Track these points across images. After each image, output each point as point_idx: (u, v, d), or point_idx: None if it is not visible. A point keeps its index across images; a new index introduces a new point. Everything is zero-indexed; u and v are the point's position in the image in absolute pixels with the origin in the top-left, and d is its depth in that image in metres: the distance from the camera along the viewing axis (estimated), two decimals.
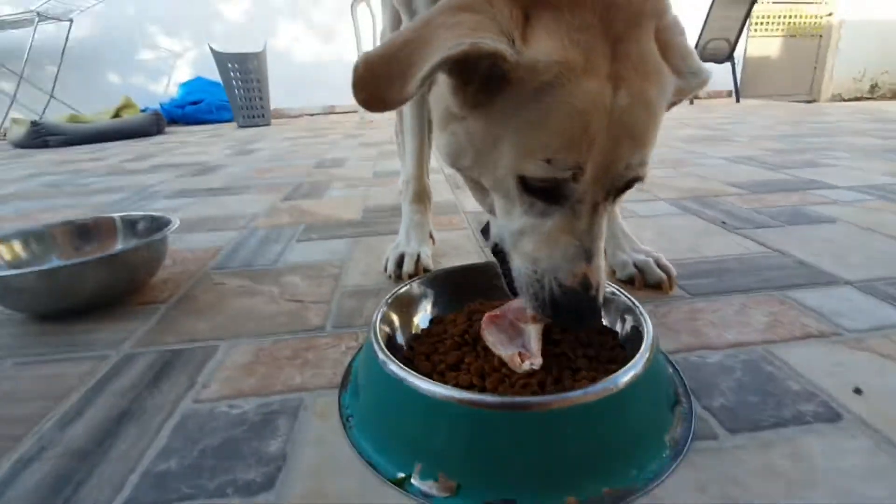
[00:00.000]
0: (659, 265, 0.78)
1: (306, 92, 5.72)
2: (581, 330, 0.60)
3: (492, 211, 0.61)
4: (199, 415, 0.52)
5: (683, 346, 0.61)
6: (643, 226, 1.10)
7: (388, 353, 0.49)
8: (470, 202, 1.36)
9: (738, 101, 5.23)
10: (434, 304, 0.65)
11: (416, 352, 0.56)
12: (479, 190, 0.61)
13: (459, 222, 1.18)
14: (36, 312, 0.77)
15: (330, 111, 5.79)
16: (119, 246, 0.92)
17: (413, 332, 0.60)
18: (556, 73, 0.47)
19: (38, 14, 4.60)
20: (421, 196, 0.94)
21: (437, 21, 0.47)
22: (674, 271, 0.77)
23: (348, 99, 4.45)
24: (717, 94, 6.10)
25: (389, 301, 0.58)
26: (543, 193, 0.52)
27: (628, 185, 0.53)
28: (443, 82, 0.56)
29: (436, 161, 2.05)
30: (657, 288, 0.77)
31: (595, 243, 0.54)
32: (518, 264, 0.57)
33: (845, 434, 0.46)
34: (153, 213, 0.95)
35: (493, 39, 0.46)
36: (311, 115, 5.71)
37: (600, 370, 0.50)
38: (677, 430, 0.46)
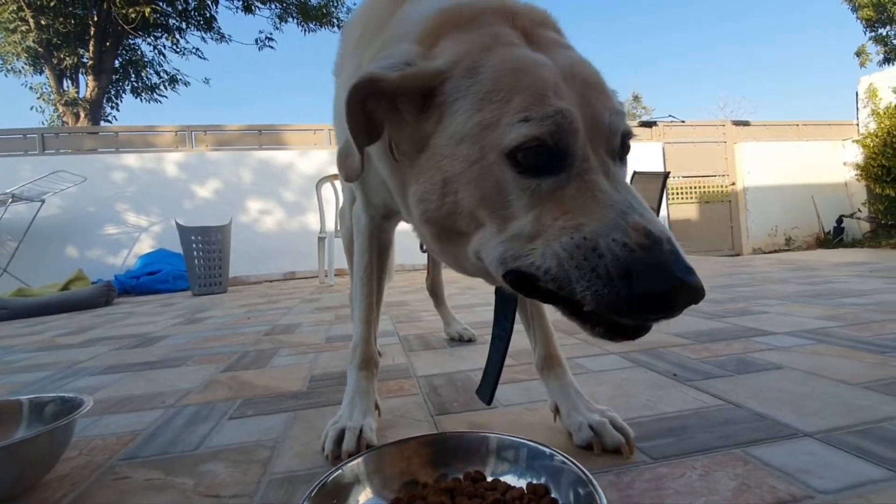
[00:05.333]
0: (615, 426, 0.73)
1: (268, 259, 5.89)
2: (684, 304, 0.44)
3: (478, 256, 0.55)
4: None
5: None
6: (598, 380, 1.08)
7: None
8: (423, 366, 1.32)
9: None
10: (370, 491, 0.56)
11: None
12: (457, 241, 0.57)
13: (410, 387, 1.12)
14: None
15: (290, 276, 5.89)
16: (20, 433, 0.80)
17: None
18: (471, 56, 0.52)
19: (13, 196, 4.76)
20: (368, 362, 0.90)
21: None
22: (631, 433, 0.73)
23: (309, 264, 4.59)
24: None
25: (313, 494, 0.50)
26: (542, 166, 0.48)
27: (623, 141, 0.52)
28: (382, 151, 0.64)
29: (391, 323, 2.04)
30: (616, 452, 0.71)
31: (635, 202, 0.47)
32: (549, 247, 0.47)
33: None
34: (65, 395, 0.85)
35: (373, 71, 0.54)
36: (271, 281, 5.78)
37: None
38: None
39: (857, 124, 7.62)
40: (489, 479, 0.57)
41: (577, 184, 0.48)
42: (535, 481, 0.56)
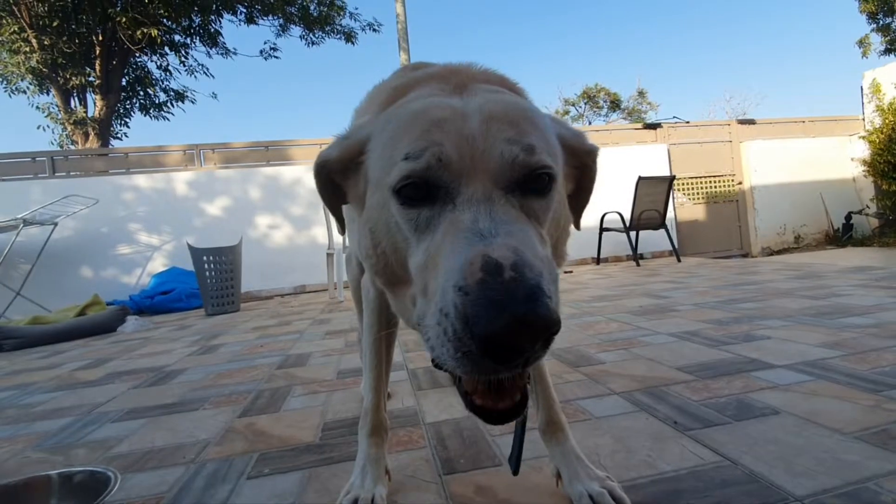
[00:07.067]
0: (614, 497, 0.77)
1: (279, 274, 5.96)
2: (531, 338, 0.40)
3: (414, 304, 0.54)
4: None
5: None
6: (599, 429, 1.11)
7: None
8: (431, 410, 1.36)
9: (679, 260, 5.73)
10: None
11: None
12: (403, 292, 0.57)
13: (418, 438, 1.16)
14: None
15: (301, 290, 5.97)
16: None
17: None
18: (388, 114, 0.59)
19: (25, 221, 4.87)
20: (378, 429, 0.94)
21: None
22: (629, 503, 0.77)
23: (319, 278, 4.69)
24: (660, 255, 6.69)
25: None
26: (419, 198, 0.50)
27: (528, 175, 0.51)
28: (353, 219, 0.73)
29: (401, 354, 2.08)
30: None
31: (494, 226, 0.45)
32: (427, 321, 0.46)
33: None
34: (95, 469, 0.90)
35: (321, 155, 0.66)
36: (282, 295, 5.86)
37: None
38: None
39: (864, 119, 7.55)
40: None
41: (447, 219, 0.49)
42: None
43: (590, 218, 6.19)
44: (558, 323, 0.41)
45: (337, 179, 0.67)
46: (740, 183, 7.60)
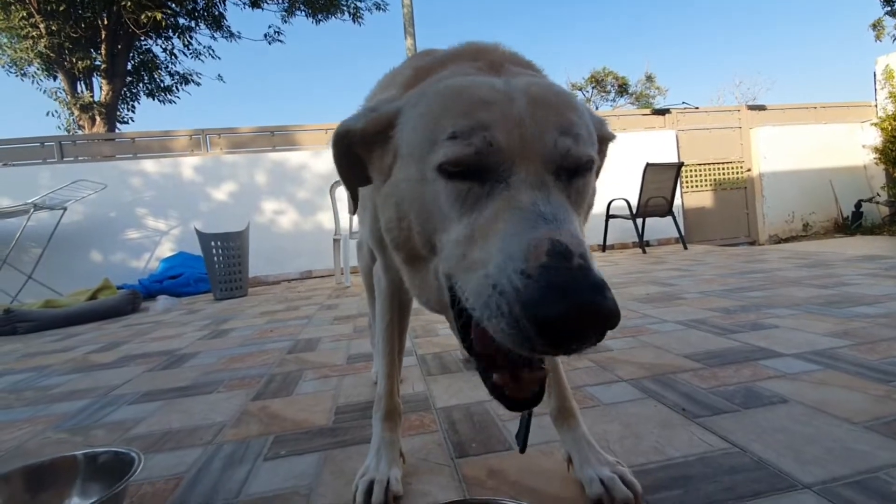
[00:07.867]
0: (625, 481, 0.79)
1: (285, 259, 6.00)
2: (593, 328, 0.41)
3: (437, 276, 0.56)
4: None
5: None
6: (608, 416, 1.13)
7: None
8: (441, 395, 1.38)
9: (685, 247, 5.71)
10: None
11: None
12: (421, 267, 0.59)
13: (430, 423, 1.19)
14: None
15: (307, 276, 6.00)
16: (77, 491, 0.88)
17: None
18: (421, 89, 0.59)
19: (35, 205, 4.91)
20: (392, 414, 0.96)
21: None
22: (639, 488, 0.78)
23: (325, 263, 4.74)
24: (666, 242, 6.66)
25: None
26: (470, 174, 0.50)
27: (576, 164, 0.51)
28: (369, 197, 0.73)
29: (409, 339, 2.11)
30: None
31: (556, 212, 0.45)
32: (470, 286, 0.47)
33: None
34: (119, 449, 0.93)
35: (344, 123, 0.64)
36: (289, 280, 5.90)
37: None
38: None
39: (876, 106, 7.41)
40: None
41: (501, 196, 0.48)
42: None
43: (596, 204, 6.14)
44: (619, 318, 0.42)
45: (358, 150, 0.66)
46: (749, 170, 7.53)
